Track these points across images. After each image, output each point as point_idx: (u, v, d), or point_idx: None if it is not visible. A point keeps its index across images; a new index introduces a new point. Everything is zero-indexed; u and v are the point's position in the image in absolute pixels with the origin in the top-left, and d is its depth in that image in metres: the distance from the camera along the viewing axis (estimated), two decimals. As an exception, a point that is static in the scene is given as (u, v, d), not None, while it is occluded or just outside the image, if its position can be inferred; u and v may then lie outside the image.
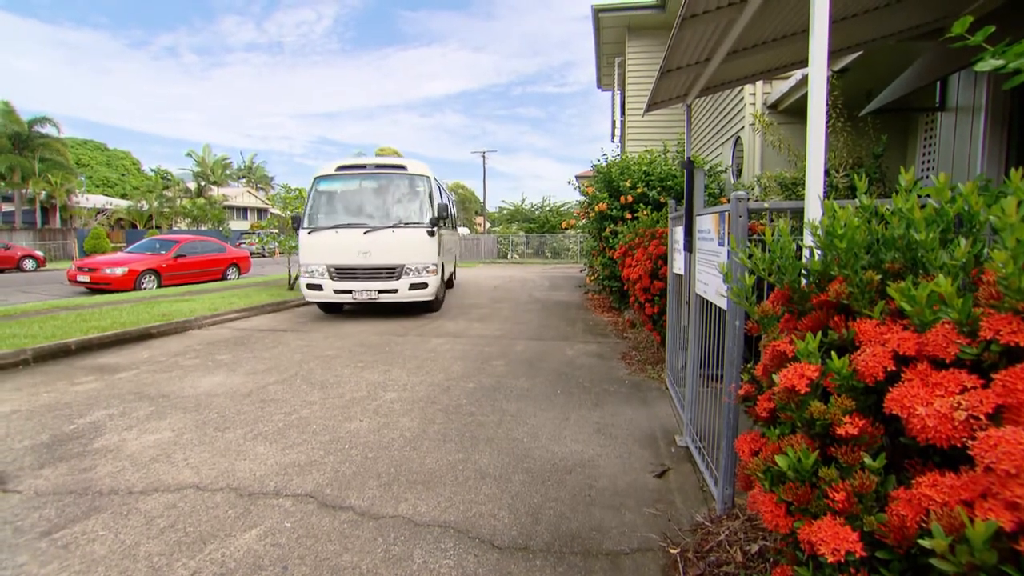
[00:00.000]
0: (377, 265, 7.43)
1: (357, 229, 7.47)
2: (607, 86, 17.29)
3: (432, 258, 7.62)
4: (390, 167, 7.93)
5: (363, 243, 7.40)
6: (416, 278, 7.49)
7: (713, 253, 2.58)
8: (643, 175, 7.66)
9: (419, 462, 2.80)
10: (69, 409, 3.68)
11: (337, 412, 3.57)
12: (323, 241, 7.57)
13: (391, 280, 7.44)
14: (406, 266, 7.44)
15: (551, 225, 30.71)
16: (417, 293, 7.54)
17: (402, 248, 7.44)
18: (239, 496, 2.43)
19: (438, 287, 7.93)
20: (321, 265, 7.51)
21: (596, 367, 4.87)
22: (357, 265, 7.45)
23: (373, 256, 7.40)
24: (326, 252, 7.52)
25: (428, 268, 7.59)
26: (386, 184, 7.99)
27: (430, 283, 7.56)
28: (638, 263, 5.09)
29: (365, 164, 8.04)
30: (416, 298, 7.59)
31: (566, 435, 3.20)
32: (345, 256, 7.44)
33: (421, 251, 7.52)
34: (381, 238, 7.43)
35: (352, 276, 7.47)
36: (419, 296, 7.59)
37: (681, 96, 4.44)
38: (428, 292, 7.61)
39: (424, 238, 7.57)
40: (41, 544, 2.10)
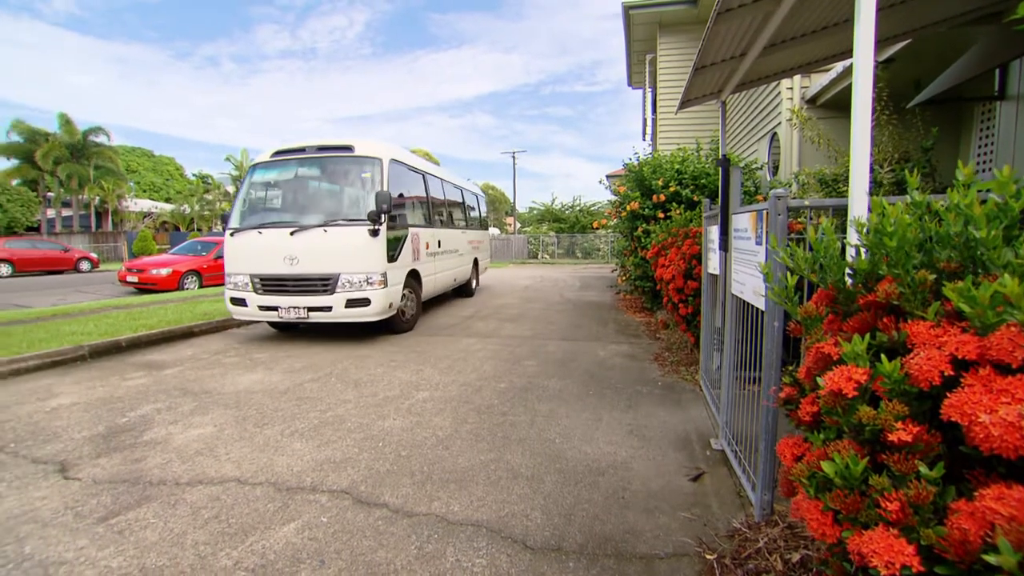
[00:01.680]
0: (305, 275, 5.79)
1: (284, 229, 5.86)
2: (638, 84, 17.06)
3: (375, 265, 5.79)
4: (334, 149, 6.23)
5: (290, 247, 5.80)
6: (354, 292, 5.70)
7: (750, 252, 2.51)
8: (675, 173, 7.53)
9: (452, 461, 2.82)
10: (121, 403, 3.87)
11: (371, 410, 3.63)
12: (247, 245, 6.06)
13: (324, 294, 5.73)
14: (341, 276, 5.70)
15: (581, 225, 30.52)
16: (356, 312, 5.73)
17: (336, 253, 5.75)
18: (278, 490, 2.50)
19: (391, 303, 6.00)
20: (245, 275, 6.02)
21: (629, 368, 4.81)
22: (283, 275, 5.85)
23: (301, 263, 5.78)
24: (249, 258, 6.02)
25: (371, 279, 5.73)
26: (328, 171, 6.40)
27: (374, 299, 5.72)
28: (671, 263, 5.00)
29: (305, 147, 6.29)
30: (355, 318, 5.78)
31: (599, 436, 3.17)
32: (269, 263, 5.88)
33: (360, 257, 5.73)
34: (311, 241, 5.79)
35: (279, 289, 5.89)
36: (359, 316, 5.77)
37: (715, 93, 4.34)
38: (372, 311, 5.75)
39: (364, 240, 5.73)
40: (99, 529, 2.21)
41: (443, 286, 8.48)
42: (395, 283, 6.12)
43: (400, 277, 6.30)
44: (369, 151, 6.22)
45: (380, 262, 5.84)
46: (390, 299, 5.96)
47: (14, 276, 18.73)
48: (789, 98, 6.73)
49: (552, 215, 32.11)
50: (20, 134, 30.07)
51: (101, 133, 32.44)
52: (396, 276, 6.15)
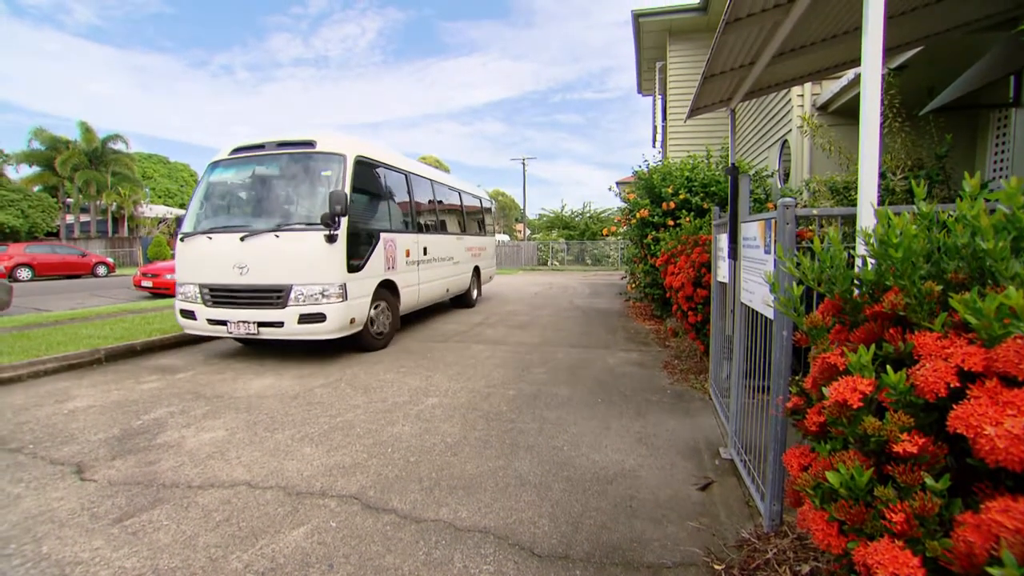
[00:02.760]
0: (255, 286, 5.21)
1: (234, 234, 5.30)
2: (648, 91, 17.08)
3: (332, 275, 5.16)
4: (295, 145, 5.63)
5: (240, 254, 5.23)
6: (308, 306, 5.08)
7: (759, 261, 2.50)
8: (685, 181, 7.52)
9: (460, 467, 2.83)
10: (136, 406, 3.93)
11: (380, 416, 3.66)
12: (196, 251, 5.54)
13: (275, 308, 5.12)
14: (294, 288, 5.10)
15: (591, 232, 30.45)
16: (310, 329, 5.12)
17: (288, 261, 5.15)
18: (287, 495, 2.53)
19: (354, 318, 5.38)
20: (194, 284, 5.49)
21: (638, 376, 4.79)
22: (232, 285, 5.28)
23: (252, 272, 5.20)
24: (198, 267, 5.51)
25: (327, 292, 5.12)
26: (288, 169, 5.72)
27: (330, 315, 5.11)
28: (681, 271, 4.99)
29: (264, 143, 5.73)
30: (309, 335, 5.17)
31: (607, 444, 3.16)
32: (218, 272, 5.34)
33: (314, 266, 5.13)
34: (262, 247, 5.19)
35: (229, 300, 5.33)
36: (314, 333, 5.15)
37: (725, 100, 4.34)
38: (328, 327, 5.14)
39: (319, 247, 5.11)
40: (113, 530, 2.25)
41: (431, 298, 7.81)
42: (359, 296, 5.50)
43: (367, 289, 5.67)
44: (331, 147, 5.59)
45: (338, 272, 5.22)
46: (351, 314, 5.33)
47: (34, 280, 19.14)
48: (800, 105, 6.71)
49: (562, 222, 32.09)
50: (41, 142, 30.79)
51: (119, 140, 33.13)
52: (361, 288, 5.55)
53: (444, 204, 8.93)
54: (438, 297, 8.17)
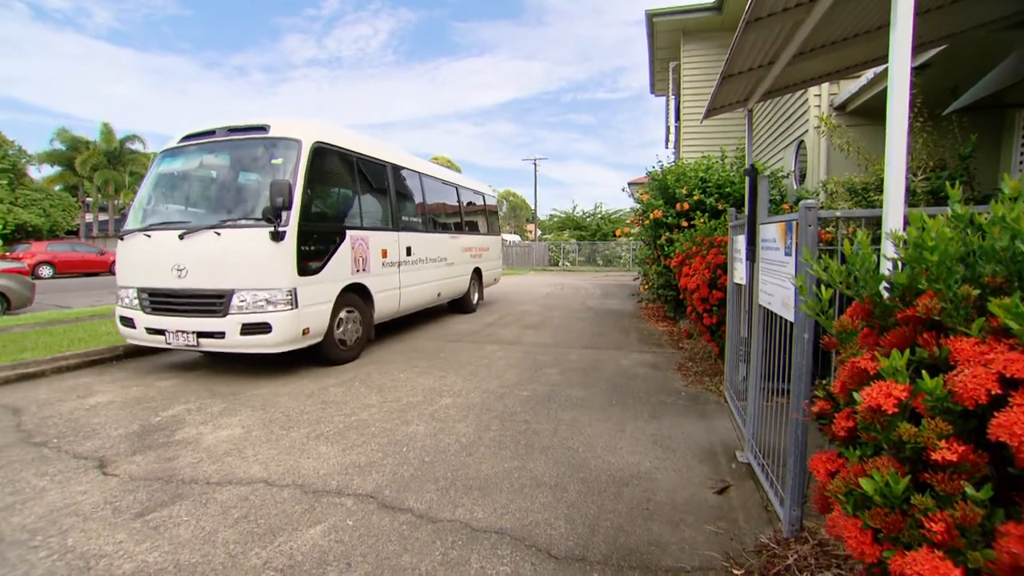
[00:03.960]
0: (194, 291, 4.60)
1: (173, 231, 4.70)
2: (661, 91, 16.99)
3: (278, 279, 4.49)
4: (247, 130, 4.97)
5: (179, 255, 4.63)
6: (251, 315, 4.43)
7: (779, 263, 2.47)
8: (700, 182, 7.47)
9: (475, 468, 2.84)
10: (154, 402, 3.99)
11: (394, 415, 3.67)
12: (135, 251, 4.99)
13: (216, 316, 4.50)
14: (236, 294, 4.46)
15: (603, 233, 30.37)
16: (254, 341, 4.48)
17: (230, 263, 4.52)
18: (304, 493, 2.55)
19: (307, 328, 4.70)
20: (133, 288, 4.94)
21: (652, 378, 4.76)
22: (170, 289, 4.69)
23: (191, 275, 4.59)
24: (136, 268, 4.96)
25: (272, 299, 4.45)
26: (238, 158, 5.09)
27: (276, 325, 4.45)
28: (696, 272, 4.95)
29: (215, 129, 5.12)
30: (254, 348, 4.54)
31: (622, 446, 3.15)
32: (156, 275, 4.75)
33: (259, 268, 4.48)
34: (202, 246, 4.57)
35: (167, 307, 4.73)
36: (258, 346, 4.52)
37: (742, 101, 4.30)
38: (273, 340, 4.48)
39: (263, 246, 4.44)
40: (135, 524, 2.29)
41: (416, 303, 7.05)
42: (315, 302, 4.81)
43: (327, 294, 4.99)
44: (285, 131, 4.90)
45: (285, 275, 4.53)
46: (304, 324, 4.65)
47: (55, 277, 19.54)
48: (817, 105, 6.63)
49: (573, 223, 32.03)
50: (63, 142, 31.44)
51: (136, 140, 33.73)
52: (318, 293, 4.86)
53: (436, 200, 8.23)
54: (427, 302, 7.48)
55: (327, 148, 5.22)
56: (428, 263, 7.34)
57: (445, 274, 7.96)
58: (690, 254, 5.42)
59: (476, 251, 9.51)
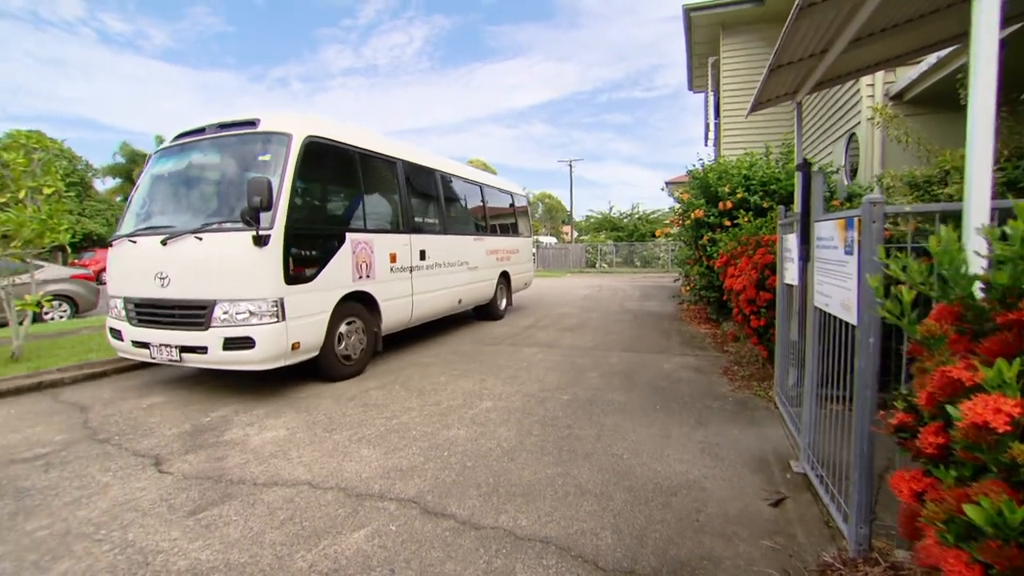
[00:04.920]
0: (176, 300, 4.23)
1: (157, 237, 4.33)
2: (699, 88, 16.55)
3: (262, 288, 4.03)
4: (236, 126, 4.59)
5: (161, 261, 4.26)
6: (233, 328, 3.99)
7: (837, 263, 2.32)
8: (743, 179, 7.21)
9: (517, 473, 2.79)
10: (204, 403, 4.13)
11: (435, 419, 3.67)
12: (122, 259, 4.66)
13: (198, 328, 4.09)
14: (218, 304, 4.04)
15: (640, 233, 29.85)
16: (237, 358, 4.02)
17: (212, 270, 4.11)
18: (347, 496, 2.56)
19: (297, 343, 4.24)
20: (120, 298, 4.63)
21: (696, 382, 4.60)
22: (153, 299, 4.35)
23: (173, 283, 4.23)
24: (122, 276, 4.65)
25: (256, 310, 4.00)
26: (227, 155, 4.67)
27: (260, 339, 3.97)
28: (742, 273, 4.76)
29: (206, 127, 4.76)
30: (238, 365, 4.08)
31: (668, 453, 3.04)
32: (140, 283, 4.41)
33: (242, 276, 4.04)
34: (184, 252, 4.18)
35: (152, 319, 4.37)
36: (242, 363, 4.05)
37: (790, 94, 4.10)
38: (256, 356, 4.00)
39: (245, 251, 3.99)
40: (188, 522, 2.35)
41: (433, 311, 6.56)
42: (308, 313, 4.34)
43: (321, 305, 4.52)
44: (275, 125, 4.48)
45: (270, 284, 4.04)
46: (293, 338, 4.18)
47: (115, 283, 20.63)
48: (870, 95, 6.28)
49: (610, 223, 31.62)
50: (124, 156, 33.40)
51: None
52: (311, 303, 4.39)
53: (456, 200, 7.72)
54: (445, 310, 6.97)
55: (322, 143, 4.74)
56: (446, 268, 6.86)
57: (467, 279, 7.47)
58: (735, 254, 5.22)
59: (503, 254, 8.93)
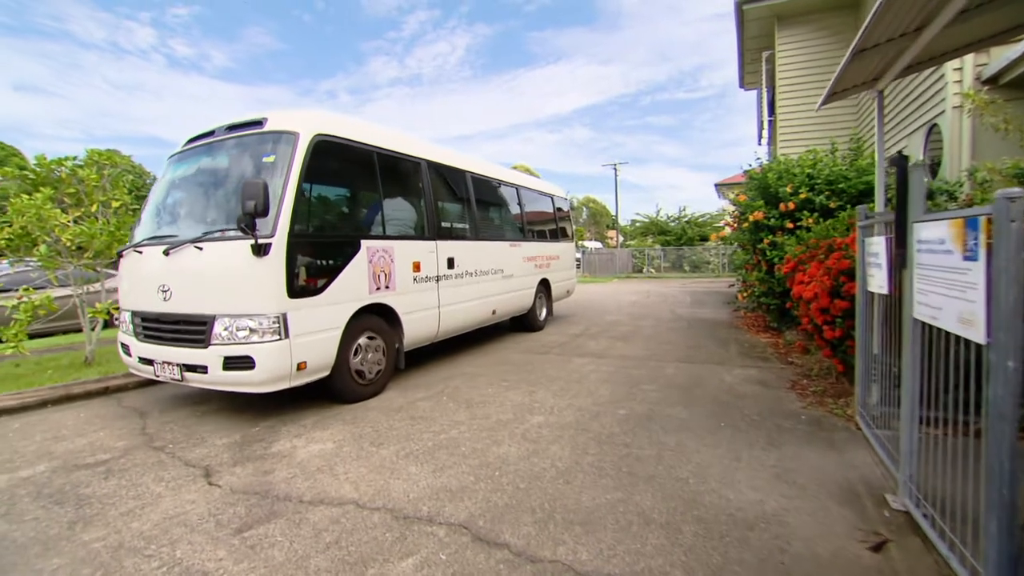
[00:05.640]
0: (177, 315, 3.96)
1: (160, 247, 4.06)
2: (751, 84, 15.84)
3: (263, 302, 3.67)
4: (243, 127, 4.29)
5: (164, 273, 4.02)
6: (232, 346, 3.66)
7: (951, 270, 2.00)
8: (806, 178, 6.73)
9: (574, 498, 2.58)
10: (254, 411, 4.14)
11: (484, 435, 3.51)
12: (129, 270, 4.46)
13: (198, 346, 3.78)
14: (217, 319, 3.72)
15: (688, 237, 28.98)
16: (237, 379, 3.68)
17: (212, 282, 3.81)
18: (395, 519, 2.43)
19: (303, 363, 3.83)
20: (128, 311, 4.40)
21: (762, 397, 4.25)
22: (156, 313, 4.10)
23: (174, 297, 3.96)
24: (129, 288, 4.44)
25: (257, 326, 3.65)
26: (234, 158, 4.31)
27: (259, 359, 3.61)
28: (813, 279, 4.37)
29: (215, 129, 4.50)
30: (238, 386, 3.73)
31: (739, 479, 2.75)
32: (144, 296, 4.18)
33: (241, 289, 3.71)
34: (186, 263, 3.90)
35: (156, 334, 4.11)
36: (243, 384, 3.70)
37: (870, 82, 3.72)
38: (257, 377, 3.64)
39: (244, 262, 3.65)
40: (234, 541, 2.28)
41: (461, 324, 6.04)
42: (313, 330, 3.92)
43: (332, 320, 4.11)
44: (281, 124, 4.12)
45: (270, 297, 3.67)
46: (299, 357, 3.78)
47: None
48: (957, 80, 5.71)
49: (657, 227, 30.86)
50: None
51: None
52: (319, 318, 3.98)
53: (489, 202, 7.17)
54: (477, 322, 6.44)
55: (334, 142, 4.36)
56: (478, 276, 6.32)
57: (501, 288, 6.91)
58: (804, 259, 4.83)
59: (543, 260, 8.37)
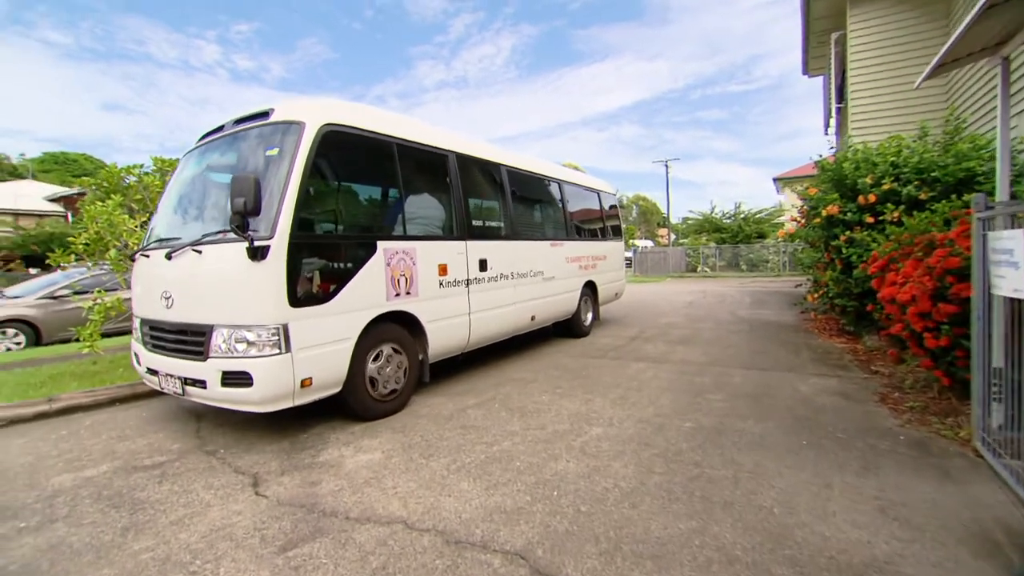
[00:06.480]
0: (177, 324, 3.66)
1: (163, 250, 3.80)
2: (816, 71, 14.78)
3: (261, 312, 3.27)
4: (250, 119, 3.93)
5: (166, 278, 3.76)
6: (231, 360, 3.30)
7: None
8: (890, 168, 6.08)
9: (642, 526, 2.30)
10: (303, 418, 4.05)
11: (540, 447, 3.27)
12: (138, 275, 4.24)
13: (197, 358, 3.46)
14: (215, 330, 3.37)
15: (745, 234, 27.64)
16: (234, 395, 3.33)
17: (210, 288, 3.49)
18: (446, 543, 2.23)
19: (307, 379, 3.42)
20: (138, 319, 4.17)
21: (846, 411, 3.79)
22: (159, 321, 3.83)
23: (176, 304, 3.67)
24: (138, 295, 4.19)
25: (256, 339, 3.26)
26: (238, 153, 3.96)
27: (257, 375, 3.23)
28: (909, 280, 3.87)
29: (224, 124, 4.16)
30: (238, 405, 3.39)
31: (834, 511, 2.38)
32: (150, 303, 3.95)
33: (238, 296, 3.34)
34: (186, 268, 3.62)
35: (159, 343, 3.83)
36: (239, 402, 3.36)
37: (991, 48, 3.20)
38: (254, 395, 3.27)
39: (241, 267, 3.28)
40: (278, 561, 2.15)
41: (496, 331, 5.48)
42: (320, 342, 3.51)
43: (342, 330, 3.68)
44: (287, 114, 3.73)
45: (269, 306, 3.26)
46: (303, 372, 3.39)
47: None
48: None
49: (712, 225, 29.58)
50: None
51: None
52: (327, 329, 3.56)
53: (527, 199, 6.53)
54: (514, 329, 5.85)
55: (345, 132, 3.90)
56: (515, 279, 5.72)
57: (541, 292, 6.27)
58: (896, 256, 4.30)
59: (589, 261, 7.69)
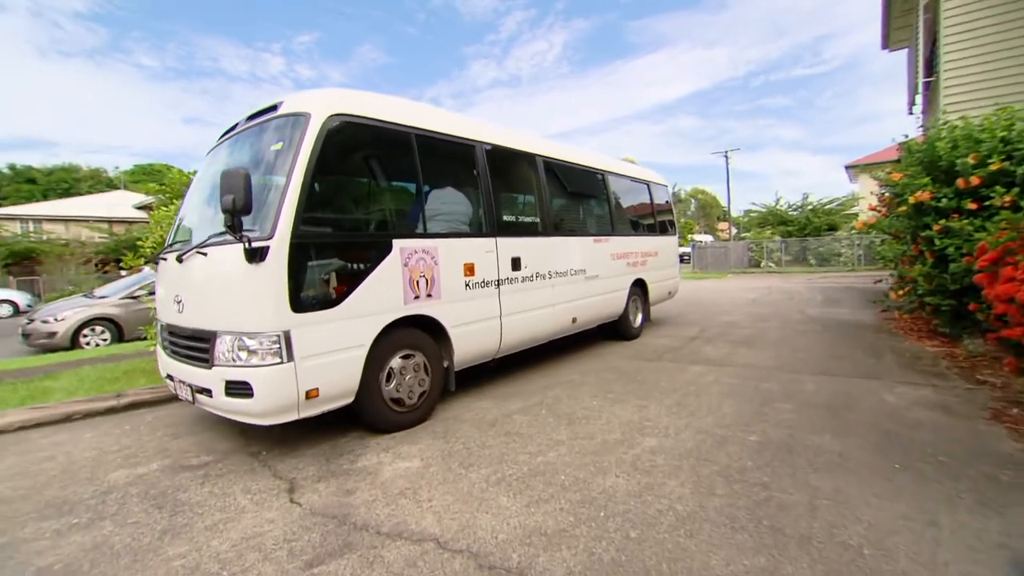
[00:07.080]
0: (186, 328, 3.52)
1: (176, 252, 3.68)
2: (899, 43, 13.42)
3: (260, 318, 3.03)
4: (261, 114, 3.71)
5: (178, 282, 3.68)
6: (233, 368, 3.09)
7: None
8: (999, 144, 5.30)
9: (701, 560, 2.00)
10: (346, 416, 3.96)
11: (587, 460, 3.01)
12: (158, 278, 4.23)
13: (204, 365, 3.28)
14: (219, 337, 3.17)
15: (814, 227, 25.82)
16: (237, 406, 3.12)
17: (212, 293, 3.37)
18: (479, 567, 2.02)
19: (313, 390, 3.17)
20: (158, 323, 4.15)
21: (949, 429, 3.26)
22: (173, 326, 3.73)
23: (186, 308, 3.55)
24: (159, 299, 4.11)
25: (254, 346, 3.03)
26: (249, 150, 3.75)
27: (257, 385, 3.01)
28: (1029, 273, 3.28)
29: (239, 121, 3.99)
30: (241, 416, 3.19)
31: (947, 560, 1.96)
32: (166, 307, 3.86)
33: (237, 300, 3.15)
34: (194, 271, 3.48)
35: (173, 348, 3.73)
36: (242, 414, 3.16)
37: None
38: (256, 407, 3.04)
39: (239, 269, 3.05)
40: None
41: (530, 335, 5.03)
42: (328, 350, 3.25)
43: (353, 337, 3.40)
44: (294, 106, 3.48)
45: (269, 312, 3.02)
46: (308, 383, 3.14)
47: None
48: None
49: (776, 217, 27.85)
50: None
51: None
52: (335, 335, 3.29)
53: (566, 191, 6.00)
54: (551, 332, 5.36)
55: (356, 122, 3.60)
56: (552, 279, 5.26)
57: (583, 291, 5.77)
58: (1013, 247, 3.68)
59: (637, 258, 7.10)
